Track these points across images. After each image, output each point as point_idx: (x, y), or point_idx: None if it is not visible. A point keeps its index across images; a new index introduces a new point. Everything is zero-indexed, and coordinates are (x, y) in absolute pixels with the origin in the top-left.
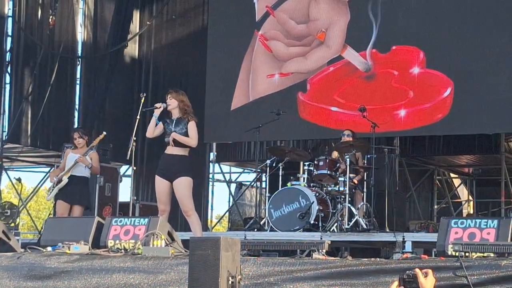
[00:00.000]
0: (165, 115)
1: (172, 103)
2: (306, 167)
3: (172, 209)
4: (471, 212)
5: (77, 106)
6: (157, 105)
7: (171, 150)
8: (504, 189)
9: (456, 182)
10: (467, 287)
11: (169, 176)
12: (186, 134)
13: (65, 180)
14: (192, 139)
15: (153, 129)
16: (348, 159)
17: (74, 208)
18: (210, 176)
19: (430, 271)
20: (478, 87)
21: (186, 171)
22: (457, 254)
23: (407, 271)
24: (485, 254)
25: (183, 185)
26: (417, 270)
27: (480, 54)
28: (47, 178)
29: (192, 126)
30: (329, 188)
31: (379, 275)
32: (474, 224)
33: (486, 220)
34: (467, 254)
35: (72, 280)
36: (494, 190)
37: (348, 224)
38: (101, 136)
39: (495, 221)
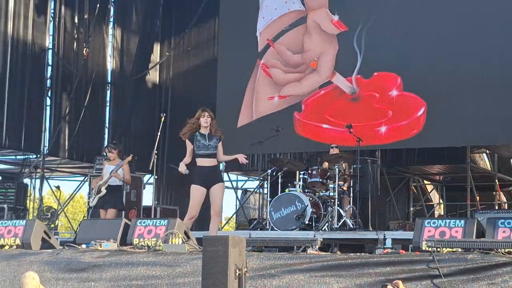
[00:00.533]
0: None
1: (208, 120)
2: (301, 176)
3: (185, 212)
4: (442, 213)
5: (107, 125)
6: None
7: (207, 162)
8: (470, 194)
9: (429, 188)
10: (438, 278)
11: (207, 184)
12: (216, 147)
13: (103, 191)
14: (222, 157)
15: (191, 149)
16: (337, 169)
17: (109, 211)
18: None
19: (400, 282)
20: (448, 107)
21: (221, 178)
22: (430, 249)
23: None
24: (454, 249)
25: (221, 188)
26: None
27: (449, 79)
28: (82, 186)
29: (221, 145)
30: (321, 194)
31: (364, 267)
32: (444, 224)
33: (454, 221)
34: (438, 249)
35: (103, 272)
36: (461, 194)
37: (337, 224)
38: (129, 158)
39: (462, 221)
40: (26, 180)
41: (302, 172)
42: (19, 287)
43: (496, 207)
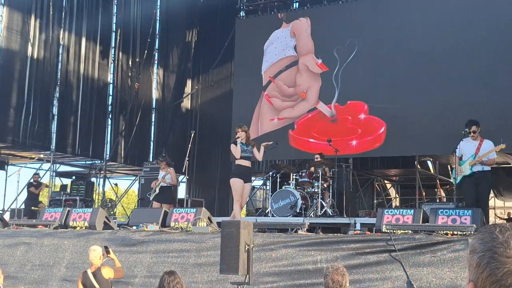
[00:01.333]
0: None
1: (243, 134)
2: (294, 177)
3: (211, 201)
4: (397, 205)
5: (152, 139)
6: (238, 140)
7: (247, 163)
8: (418, 190)
9: (388, 185)
10: (394, 251)
11: (246, 179)
12: (252, 152)
13: (157, 191)
14: (260, 156)
15: (240, 152)
16: (320, 172)
17: (163, 205)
18: None
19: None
20: (401, 126)
21: (251, 179)
22: (388, 231)
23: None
24: (406, 231)
25: (250, 187)
26: None
27: (402, 106)
28: (133, 183)
29: (256, 149)
30: (309, 190)
31: (339, 244)
32: (399, 213)
33: (406, 210)
34: (394, 231)
35: (149, 247)
36: (412, 191)
37: (320, 212)
38: (171, 170)
39: (412, 211)
40: (93, 179)
41: (294, 174)
42: (88, 256)
43: (438, 200)
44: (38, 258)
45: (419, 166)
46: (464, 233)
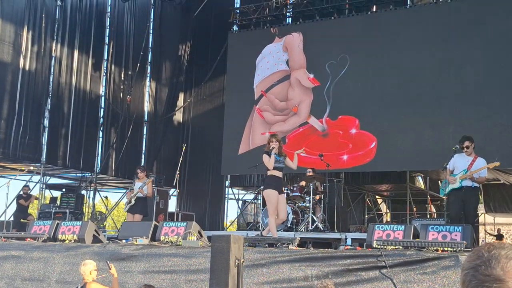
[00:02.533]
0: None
1: (277, 144)
2: (285, 191)
3: (202, 215)
4: (388, 220)
5: (143, 152)
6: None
7: (280, 174)
8: (408, 206)
9: (379, 201)
10: (384, 268)
11: (280, 191)
12: (284, 163)
13: (132, 202)
14: (294, 165)
15: (273, 163)
16: (311, 186)
17: (135, 216)
18: (226, 195)
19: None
20: (392, 142)
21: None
22: (379, 246)
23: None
24: (396, 247)
25: (284, 198)
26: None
27: (393, 121)
28: (124, 197)
29: (288, 160)
30: (300, 204)
31: (330, 259)
32: (390, 228)
33: (397, 226)
34: (385, 246)
35: (138, 261)
36: (402, 206)
37: (311, 227)
38: (150, 180)
39: (403, 226)
40: (83, 192)
41: (286, 188)
42: (79, 271)
43: (428, 216)
44: (27, 271)
45: (415, 181)
46: (455, 249)
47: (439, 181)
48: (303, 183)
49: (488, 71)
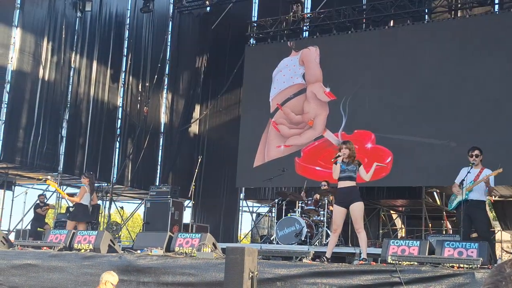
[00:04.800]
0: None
1: (347, 151)
2: (300, 204)
3: (216, 226)
4: (403, 235)
5: (159, 163)
6: (339, 159)
7: (345, 184)
8: (424, 222)
9: (394, 216)
10: (399, 284)
11: (345, 204)
12: (355, 171)
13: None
14: (367, 176)
15: (338, 172)
16: (326, 200)
17: (79, 224)
18: (240, 208)
19: None
20: (407, 156)
21: (359, 197)
22: (393, 262)
23: None
24: (411, 263)
25: (359, 207)
26: None
27: (409, 136)
28: (139, 207)
29: (362, 169)
30: (314, 218)
31: (345, 274)
32: (405, 244)
33: (412, 241)
34: (400, 262)
35: (153, 272)
36: (418, 222)
37: (326, 241)
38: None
39: (418, 242)
40: (99, 202)
41: (300, 202)
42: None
43: (444, 232)
44: (46, 280)
45: (431, 197)
46: (471, 266)
47: (444, 193)
48: (317, 196)
49: (506, 86)
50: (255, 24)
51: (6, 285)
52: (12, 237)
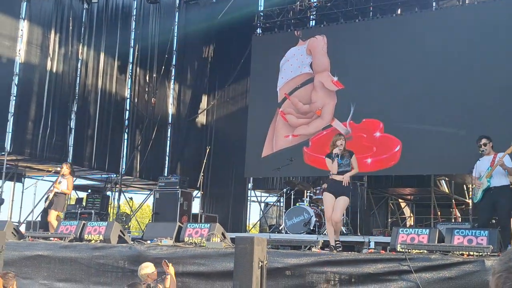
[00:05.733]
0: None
1: (344, 142)
2: (308, 194)
3: (225, 216)
4: (412, 224)
5: (167, 154)
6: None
7: (336, 177)
8: (433, 210)
9: (402, 204)
10: (408, 272)
11: (335, 193)
12: (349, 164)
13: (50, 196)
14: (356, 169)
15: (337, 168)
16: None
17: (51, 211)
18: (248, 198)
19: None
20: (417, 145)
21: (348, 193)
22: (403, 250)
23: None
24: (421, 251)
25: (344, 200)
26: None
27: (418, 124)
28: (148, 197)
29: (354, 159)
30: (322, 207)
31: (354, 263)
32: (414, 232)
33: (421, 229)
34: (409, 250)
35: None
36: (426, 210)
37: None
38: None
39: (427, 230)
40: (108, 193)
41: (308, 191)
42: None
43: (453, 220)
44: (58, 271)
45: (439, 185)
46: (480, 254)
47: (464, 186)
48: (325, 185)
49: None
50: (262, 14)
51: (19, 276)
52: (22, 228)
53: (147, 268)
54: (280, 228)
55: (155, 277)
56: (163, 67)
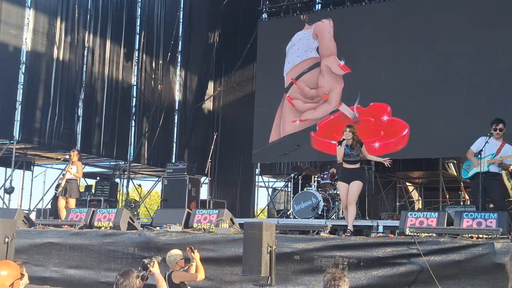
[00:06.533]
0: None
1: (350, 134)
2: (316, 178)
3: (233, 202)
4: (420, 207)
5: (174, 140)
6: (343, 142)
7: (350, 165)
8: (441, 193)
9: (410, 188)
10: (418, 255)
11: (348, 181)
12: (359, 155)
13: (63, 183)
14: (369, 157)
15: (342, 155)
16: None
17: (69, 200)
18: (256, 183)
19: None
20: (425, 128)
21: (360, 177)
22: (412, 234)
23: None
24: (430, 234)
25: (357, 185)
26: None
27: (426, 108)
28: (157, 184)
29: (364, 149)
30: (330, 192)
31: (363, 247)
32: (423, 215)
33: (430, 213)
34: (418, 234)
35: (172, 248)
36: (435, 193)
37: (342, 214)
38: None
39: (436, 213)
40: (117, 180)
41: (316, 176)
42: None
43: (461, 203)
44: (69, 258)
45: (447, 168)
46: (490, 236)
47: (461, 164)
48: (333, 170)
49: None
50: None
51: (31, 263)
52: (33, 216)
53: (176, 255)
54: (288, 213)
55: (183, 264)
56: (169, 54)
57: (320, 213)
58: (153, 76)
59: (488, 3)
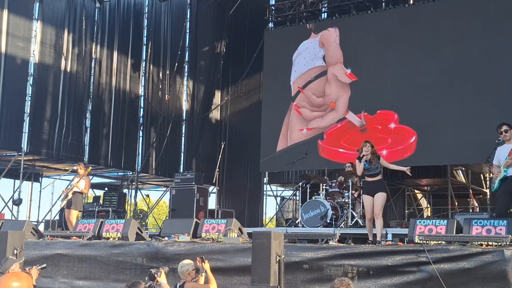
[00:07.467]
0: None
1: (369, 150)
2: (324, 187)
3: (241, 211)
4: (429, 215)
5: (182, 150)
6: (364, 158)
7: (372, 179)
8: (450, 200)
9: (419, 195)
10: (427, 263)
11: (373, 193)
12: (378, 168)
13: (70, 195)
14: (388, 164)
15: (362, 170)
16: (350, 182)
17: (72, 211)
18: (264, 192)
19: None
20: (432, 136)
21: (384, 189)
22: (421, 242)
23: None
24: (439, 242)
25: (381, 196)
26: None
27: (433, 115)
28: (164, 194)
29: (383, 160)
30: (339, 200)
31: (372, 255)
32: (432, 223)
33: (439, 220)
34: (427, 242)
35: (181, 258)
36: (443, 201)
37: (351, 223)
38: (86, 172)
39: (445, 221)
40: (125, 190)
41: (324, 184)
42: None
43: (470, 210)
44: (77, 269)
45: (456, 175)
46: (500, 243)
47: (481, 175)
48: (341, 178)
49: None
50: (273, 8)
51: (40, 274)
52: (41, 227)
53: (188, 265)
54: (296, 222)
55: (194, 275)
56: (176, 64)
57: (328, 221)
58: (160, 86)
59: (493, 9)
